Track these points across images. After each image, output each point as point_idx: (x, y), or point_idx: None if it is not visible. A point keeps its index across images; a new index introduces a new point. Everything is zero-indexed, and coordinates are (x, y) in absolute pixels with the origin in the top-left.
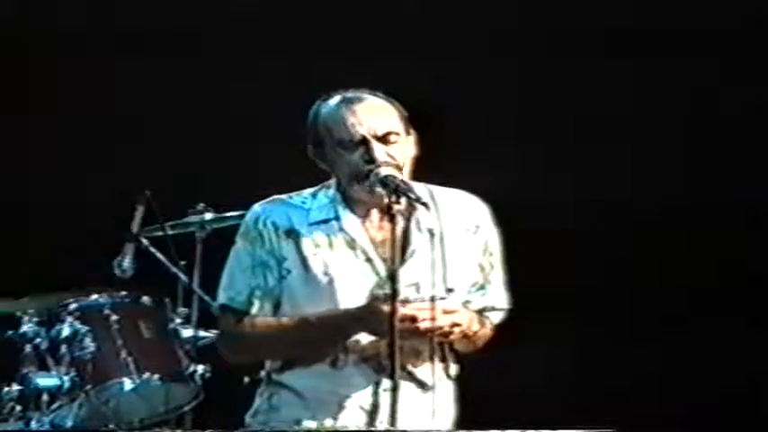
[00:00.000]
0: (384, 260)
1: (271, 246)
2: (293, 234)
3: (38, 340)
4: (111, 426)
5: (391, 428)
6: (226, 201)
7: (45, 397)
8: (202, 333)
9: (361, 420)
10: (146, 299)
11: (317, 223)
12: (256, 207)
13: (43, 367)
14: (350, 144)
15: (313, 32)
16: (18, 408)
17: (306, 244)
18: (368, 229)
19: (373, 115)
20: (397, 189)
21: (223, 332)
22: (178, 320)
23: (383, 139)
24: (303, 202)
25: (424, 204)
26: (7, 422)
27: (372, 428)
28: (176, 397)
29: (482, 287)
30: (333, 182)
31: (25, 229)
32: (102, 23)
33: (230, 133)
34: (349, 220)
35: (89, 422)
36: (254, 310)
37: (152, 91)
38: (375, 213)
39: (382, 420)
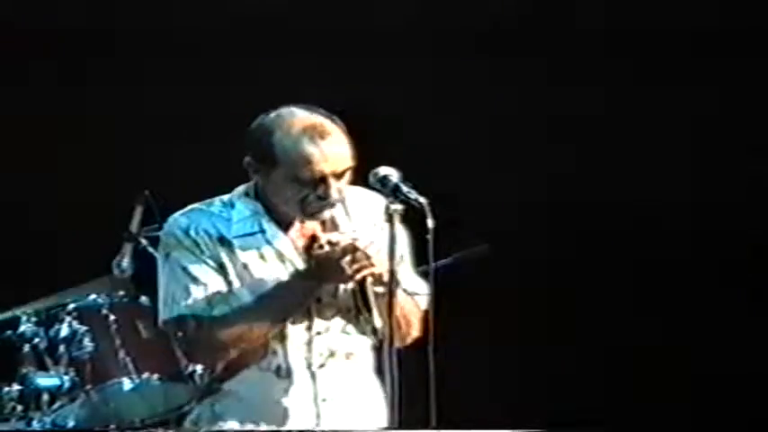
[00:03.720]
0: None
1: (210, 252)
2: (226, 243)
3: (36, 340)
4: (112, 426)
5: (385, 428)
6: None
7: (45, 397)
8: None
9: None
10: (144, 299)
11: (243, 236)
12: (179, 218)
13: (42, 367)
14: (308, 182)
15: (314, 33)
16: (19, 408)
17: (239, 254)
18: (293, 240)
19: (336, 153)
20: (396, 189)
21: (192, 340)
22: None
23: (340, 175)
24: (221, 212)
25: (421, 205)
26: (8, 422)
27: (372, 429)
28: (175, 397)
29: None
30: (250, 189)
31: (26, 229)
32: (101, 22)
33: (230, 133)
34: (274, 232)
35: (90, 422)
36: (217, 312)
37: (152, 91)
38: (296, 221)
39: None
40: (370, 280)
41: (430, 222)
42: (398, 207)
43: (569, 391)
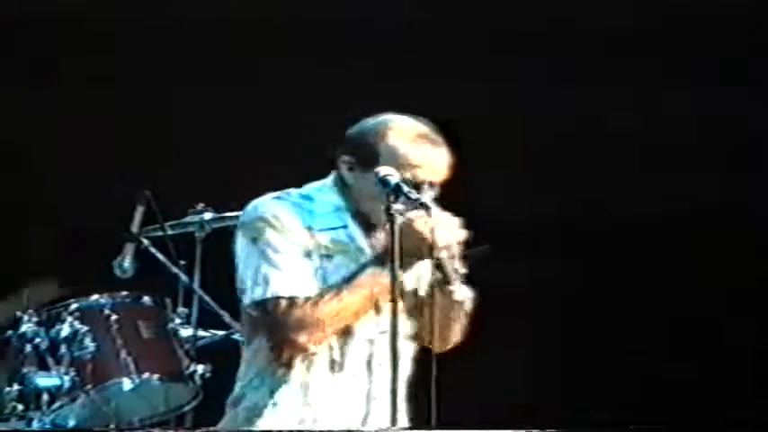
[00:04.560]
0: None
1: (298, 238)
2: (311, 231)
3: (37, 340)
4: (112, 426)
5: (391, 428)
6: (225, 201)
7: (45, 397)
8: (202, 333)
9: (356, 423)
10: (146, 299)
11: (327, 229)
12: (267, 202)
13: (43, 367)
14: (408, 185)
15: (313, 33)
16: (19, 407)
17: (321, 246)
18: (373, 237)
19: (443, 164)
20: (397, 189)
21: (285, 320)
22: (178, 320)
23: (436, 184)
24: (301, 203)
25: (422, 205)
26: (8, 422)
27: (372, 429)
28: (176, 397)
29: None
30: (330, 184)
31: (25, 229)
32: (101, 22)
33: (230, 133)
34: (356, 229)
35: (90, 422)
36: (311, 293)
37: (152, 90)
38: (379, 225)
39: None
40: (446, 254)
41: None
42: (399, 207)
43: (569, 392)
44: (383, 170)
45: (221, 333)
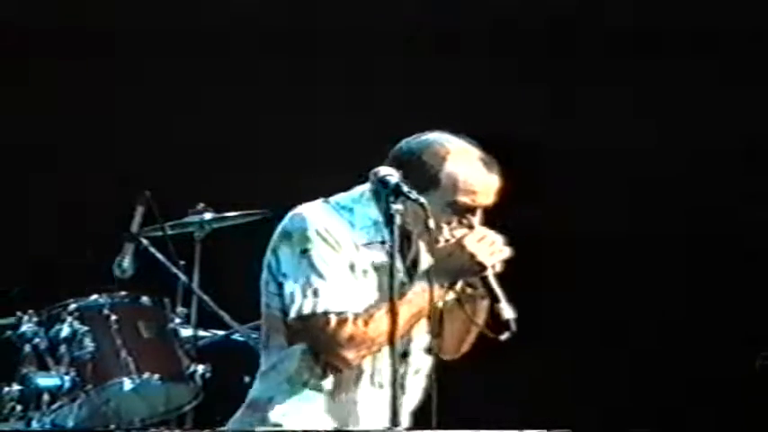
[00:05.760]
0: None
1: (346, 253)
2: (355, 246)
3: (37, 340)
4: (112, 426)
5: (393, 428)
6: (225, 201)
7: (46, 397)
8: (202, 333)
9: None
10: (145, 299)
11: (367, 244)
12: (316, 214)
13: (43, 367)
14: (462, 209)
15: (310, 33)
16: (19, 407)
17: (361, 260)
18: (409, 253)
19: (495, 188)
20: (397, 189)
21: (333, 335)
22: (177, 320)
23: (486, 208)
24: (342, 215)
25: (422, 205)
26: (8, 422)
27: (371, 429)
28: (176, 397)
29: None
30: (368, 196)
31: (25, 229)
32: (101, 23)
33: (230, 133)
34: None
35: (90, 422)
36: (358, 310)
37: (152, 91)
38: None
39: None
40: (491, 272)
41: (431, 222)
42: (399, 207)
43: (569, 392)
44: (383, 170)
45: (221, 333)
